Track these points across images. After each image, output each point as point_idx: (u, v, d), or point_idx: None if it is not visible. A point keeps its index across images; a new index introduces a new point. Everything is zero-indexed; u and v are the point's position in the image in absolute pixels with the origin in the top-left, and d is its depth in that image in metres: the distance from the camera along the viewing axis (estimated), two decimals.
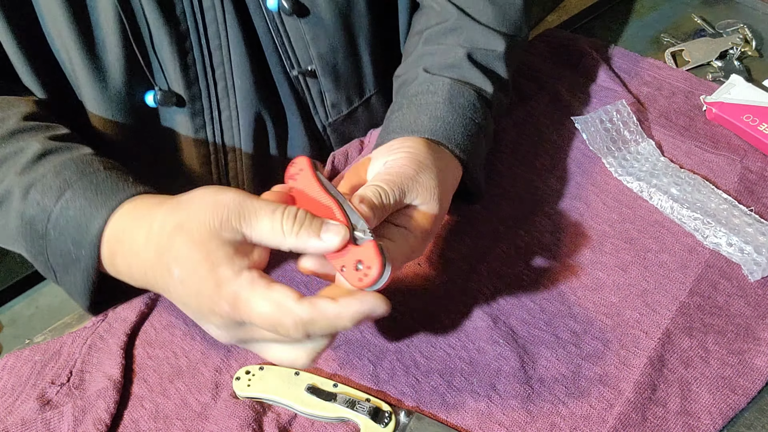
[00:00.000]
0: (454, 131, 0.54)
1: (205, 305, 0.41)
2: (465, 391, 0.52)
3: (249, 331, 0.42)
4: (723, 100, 0.72)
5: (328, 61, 0.66)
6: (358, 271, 0.41)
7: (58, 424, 0.50)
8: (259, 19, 0.62)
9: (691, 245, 0.61)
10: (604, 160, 0.68)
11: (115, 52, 0.57)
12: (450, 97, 0.56)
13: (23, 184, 0.48)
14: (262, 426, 0.49)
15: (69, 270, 0.48)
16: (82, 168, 0.48)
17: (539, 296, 0.57)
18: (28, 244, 0.49)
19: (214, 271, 0.40)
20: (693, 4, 0.91)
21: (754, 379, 0.51)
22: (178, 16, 0.58)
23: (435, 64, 0.60)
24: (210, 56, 0.60)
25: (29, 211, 0.48)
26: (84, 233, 0.46)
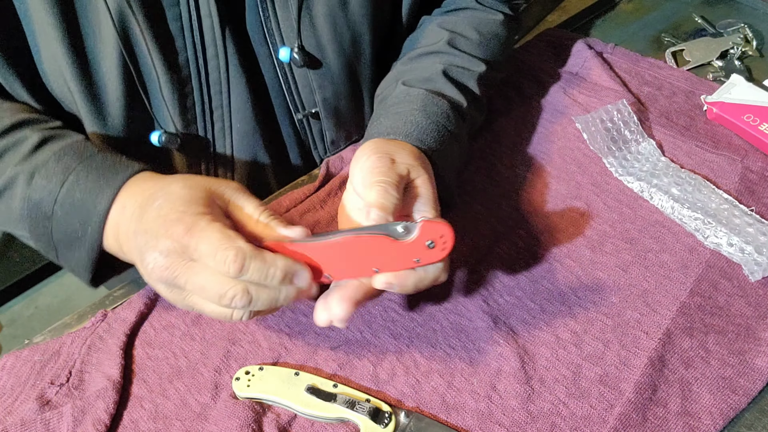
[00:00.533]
0: (427, 135, 0.56)
1: (164, 227, 0.44)
2: (465, 391, 0.51)
3: (187, 267, 0.44)
4: (724, 100, 0.72)
5: (331, 104, 0.68)
6: (432, 249, 0.45)
7: (57, 424, 0.50)
8: (267, 67, 0.63)
9: (692, 245, 0.60)
10: (604, 160, 0.68)
11: (115, 94, 0.58)
12: (424, 106, 0.58)
13: (27, 171, 0.52)
14: (261, 426, 0.49)
15: (72, 246, 0.52)
16: (80, 152, 0.52)
17: (539, 296, 0.57)
18: (32, 225, 0.52)
19: (188, 205, 0.45)
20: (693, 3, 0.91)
21: (754, 379, 0.51)
22: (181, 64, 0.59)
23: (412, 78, 0.63)
24: (210, 100, 0.62)
25: (35, 194, 0.51)
26: (90, 212, 0.50)
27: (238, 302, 0.44)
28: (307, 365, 0.54)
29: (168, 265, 0.44)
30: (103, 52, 0.56)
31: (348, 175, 0.65)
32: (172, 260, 0.44)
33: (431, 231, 0.45)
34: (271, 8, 0.60)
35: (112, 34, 0.55)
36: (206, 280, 0.44)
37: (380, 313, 0.57)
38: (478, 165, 0.69)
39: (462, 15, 0.70)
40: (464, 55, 0.65)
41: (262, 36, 0.62)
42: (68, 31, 0.54)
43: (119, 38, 0.55)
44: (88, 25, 0.55)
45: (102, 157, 0.52)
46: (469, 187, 0.67)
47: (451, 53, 0.65)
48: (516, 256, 0.61)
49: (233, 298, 0.44)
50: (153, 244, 0.44)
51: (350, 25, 0.63)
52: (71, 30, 0.54)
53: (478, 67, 0.65)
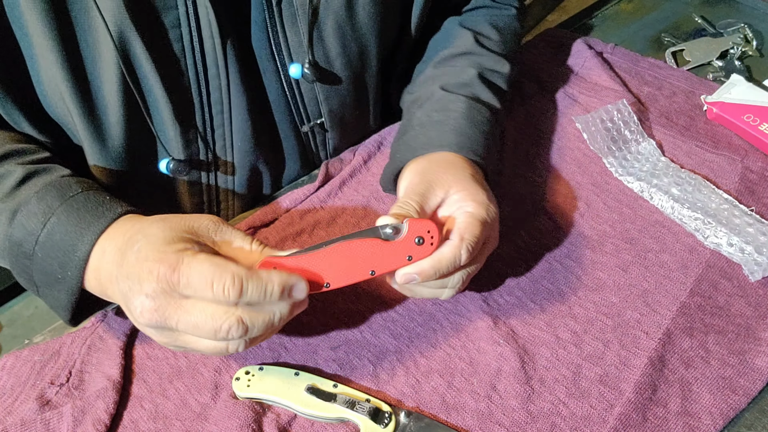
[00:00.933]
0: (476, 144, 0.59)
1: (146, 269, 0.43)
2: (465, 391, 0.51)
3: (177, 306, 0.43)
4: (724, 100, 0.72)
5: (337, 115, 0.68)
6: (421, 245, 0.47)
7: (57, 424, 0.50)
8: (272, 82, 0.64)
9: (692, 245, 0.60)
10: (604, 160, 0.68)
11: (115, 118, 0.58)
12: (470, 115, 0.61)
13: (9, 209, 0.51)
14: (261, 426, 0.49)
15: (53, 287, 0.51)
16: (62, 192, 0.51)
17: (539, 296, 0.57)
18: (13, 262, 0.52)
19: (168, 245, 0.44)
20: (693, 3, 0.91)
21: (754, 379, 0.51)
22: (185, 86, 0.59)
23: (450, 83, 0.65)
24: (211, 119, 0.62)
25: (16, 234, 0.50)
26: (70, 257, 0.49)
27: (234, 333, 0.43)
28: (307, 365, 0.54)
29: (156, 307, 0.43)
30: (103, 76, 0.56)
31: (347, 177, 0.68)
32: (159, 302, 0.43)
33: (418, 228, 0.47)
34: (279, 25, 0.60)
35: (113, 57, 0.54)
36: (198, 317, 0.42)
37: (380, 313, 0.57)
38: None
39: (479, 13, 0.72)
40: (491, 54, 0.68)
41: (269, 52, 0.62)
42: (67, 54, 0.53)
43: (120, 61, 0.54)
44: (87, 48, 0.54)
45: (84, 198, 0.51)
46: None
47: (479, 53, 0.68)
48: (516, 256, 0.61)
49: (229, 330, 0.42)
50: (137, 288, 0.43)
51: (358, 37, 0.63)
52: (70, 53, 0.54)
53: (505, 68, 0.68)
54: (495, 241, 0.54)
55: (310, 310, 0.57)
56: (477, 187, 0.53)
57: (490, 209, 0.52)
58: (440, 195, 0.53)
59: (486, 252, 0.53)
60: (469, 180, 0.53)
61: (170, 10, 0.55)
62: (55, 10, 0.52)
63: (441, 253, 0.49)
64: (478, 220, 0.50)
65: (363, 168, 0.70)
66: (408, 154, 0.59)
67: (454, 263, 0.49)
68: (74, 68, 0.55)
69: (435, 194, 0.52)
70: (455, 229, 0.50)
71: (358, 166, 0.69)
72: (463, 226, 0.50)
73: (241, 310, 0.43)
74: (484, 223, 0.51)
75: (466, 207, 0.51)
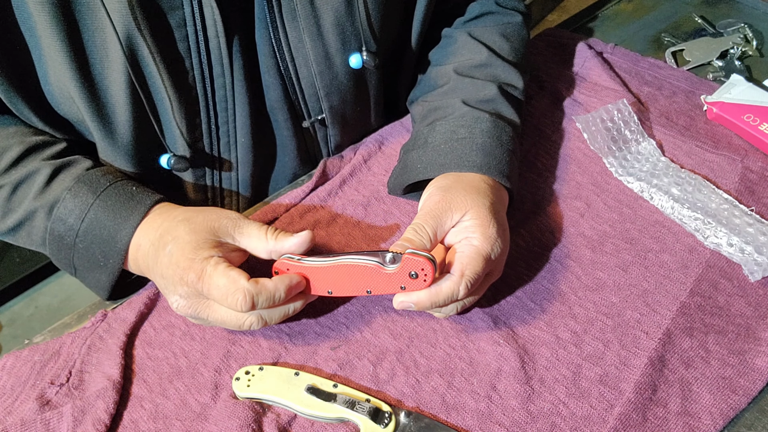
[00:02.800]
0: (503, 164, 0.59)
1: (178, 275, 0.50)
2: (465, 391, 0.51)
3: (206, 305, 0.52)
4: (724, 100, 0.72)
5: (337, 111, 0.68)
6: (415, 279, 0.50)
7: (57, 424, 0.50)
8: (273, 78, 0.64)
9: (692, 245, 0.60)
10: (604, 160, 0.68)
11: (123, 116, 0.59)
12: (495, 133, 0.61)
13: (45, 206, 0.56)
14: (261, 426, 0.49)
15: (93, 271, 0.57)
16: (93, 188, 0.56)
17: (539, 296, 0.57)
18: (54, 252, 0.57)
19: (195, 251, 0.50)
20: (693, 3, 0.91)
21: (754, 379, 0.51)
22: (190, 84, 0.59)
23: (472, 98, 0.65)
24: (216, 116, 0.63)
25: (57, 228, 0.56)
26: (111, 247, 0.55)
27: (255, 326, 0.52)
28: (307, 365, 0.54)
29: (189, 305, 0.52)
30: (111, 76, 0.57)
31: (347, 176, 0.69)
32: (191, 301, 0.51)
33: (412, 264, 0.49)
34: (279, 21, 0.60)
35: (120, 57, 0.55)
36: (224, 315, 0.51)
37: (380, 313, 0.57)
38: None
39: (486, 21, 0.72)
40: (506, 66, 0.68)
41: (270, 49, 0.62)
42: (75, 54, 0.54)
43: (127, 61, 0.55)
44: (94, 49, 0.55)
45: (115, 192, 0.56)
46: None
47: (495, 65, 0.68)
48: (516, 256, 0.61)
49: (251, 325, 0.51)
50: (172, 289, 0.51)
51: (357, 34, 0.63)
52: (78, 54, 0.55)
53: (520, 82, 0.68)
54: (498, 274, 0.55)
55: (310, 310, 0.57)
56: (491, 218, 0.53)
57: (496, 245, 0.52)
58: (456, 217, 0.53)
59: (487, 284, 0.54)
60: (485, 209, 0.53)
61: (176, 10, 0.56)
62: (63, 11, 0.53)
63: (439, 286, 0.50)
64: (482, 255, 0.51)
65: (364, 167, 0.70)
66: (432, 170, 0.59)
67: (452, 297, 0.50)
68: (82, 69, 0.55)
69: (452, 216, 0.53)
70: (457, 262, 0.51)
71: (358, 165, 0.69)
72: (465, 261, 0.51)
73: (259, 310, 0.51)
74: (487, 259, 0.51)
75: (473, 239, 0.52)
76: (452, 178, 0.57)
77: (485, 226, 0.52)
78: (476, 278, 0.50)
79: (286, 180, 0.74)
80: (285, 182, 0.74)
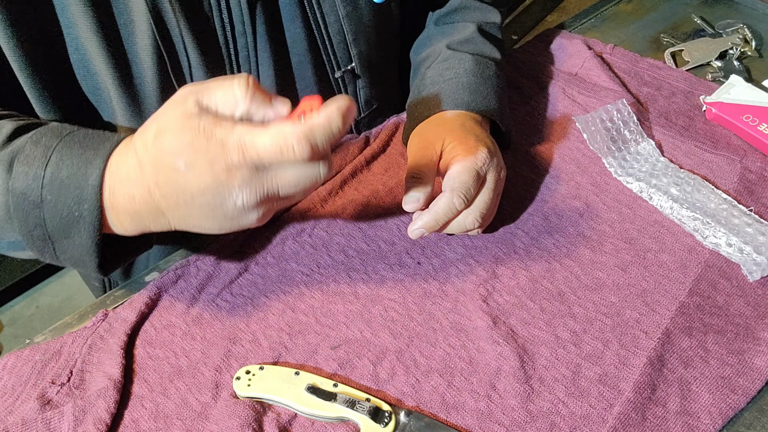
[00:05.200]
0: (490, 99, 0.64)
1: (221, 171, 0.41)
2: (465, 390, 0.52)
3: (268, 174, 0.43)
4: (723, 100, 0.72)
5: (366, 57, 0.69)
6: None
7: (58, 423, 0.50)
8: (298, 31, 0.63)
9: (691, 245, 0.61)
10: (604, 160, 0.68)
11: (152, 84, 0.58)
12: (478, 71, 0.65)
13: (3, 160, 0.48)
14: (262, 426, 0.50)
15: (71, 232, 0.48)
16: (58, 132, 0.48)
17: (539, 296, 0.58)
18: (21, 220, 0.48)
19: (211, 138, 0.41)
20: (693, 4, 0.91)
21: (753, 378, 0.51)
22: (214, 45, 0.59)
23: (454, 41, 0.69)
24: None
25: (18, 183, 0.47)
26: (84, 186, 0.46)
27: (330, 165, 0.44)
28: (307, 365, 0.54)
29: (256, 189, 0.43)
30: (138, 43, 0.55)
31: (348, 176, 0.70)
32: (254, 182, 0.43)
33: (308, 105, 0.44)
34: None
35: (146, 21, 0.54)
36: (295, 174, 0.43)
37: (380, 313, 0.57)
38: None
39: None
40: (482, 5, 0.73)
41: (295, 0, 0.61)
42: (101, 21, 0.53)
43: (153, 26, 0.54)
44: (120, 15, 0.54)
45: (83, 133, 0.48)
46: None
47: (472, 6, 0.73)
48: (515, 256, 0.61)
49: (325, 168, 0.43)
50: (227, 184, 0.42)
51: None
52: (104, 20, 0.53)
53: (497, 17, 0.74)
54: (503, 170, 0.60)
55: (309, 310, 0.57)
56: (467, 134, 0.58)
57: (480, 154, 0.56)
58: (438, 148, 0.57)
59: (500, 182, 0.59)
60: (459, 129, 0.58)
61: None
62: None
63: (436, 204, 0.55)
64: (466, 167, 0.55)
65: (365, 168, 0.70)
66: (425, 112, 0.63)
67: (452, 210, 0.55)
68: (108, 36, 0.54)
69: (434, 150, 0.57)
70: (446, 179, 0.56)
71: (359, 166, 0.69)
72: (453, 175, 0.55)
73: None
74: (473, 168, 0.55)
75: (456, 156, 0.57)
76: (433, 121, 0.61)
77: (464, 142, 0.57)
78: (467, 188, 0.55)
79: None
80: None
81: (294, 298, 0.59)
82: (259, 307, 0.58)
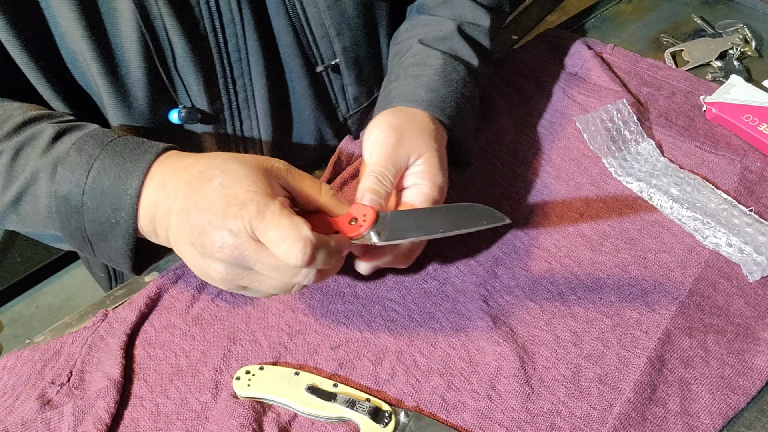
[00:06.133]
0: (447, 104, 0.59)
1: (235, 206, 0.43)
2: (465, 390, 0.52)
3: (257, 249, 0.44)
4: (723, 100, 0.72)
5: (351, 54, 0.67)
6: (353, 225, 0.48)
7: (58, 424, 0.50)
8: (283, 21, 0.62)
9: (691, 245, 0.61)
10: (604, 160, 0.68)
11: (137, 73, 0.57)
12: (444, 71, 0.61)
13: (48, 165, 0.50)
14: (262, 426, 0.50)
15: (108, 237, 0.51)
16: (100, 139, 0.50)
17: (539, 296, 0.58)
18: (62, 221, 0.51)
19: (256, 185, 0.44)
20: (693, 4, 0.91)
21: (753, 379, 0.51)
22: (202, 34, 0.58)
23: (428, 36, 0.65)
24: (231, 69, 0.61)
25: (61, 188, 0.49)
26: (122, 196, 0.49)
27: (310, 280, 0.46)
28: (307, 365, 0.54)
29: (238, 244, 0.44)
30: (122, 32, 0.55)
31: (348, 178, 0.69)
32: (242, 240, 0.44)
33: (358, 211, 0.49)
34: None
35: (130, 8, 0.53)
36: (277, 265, 0.44)
37: (380, 313, 0.57)
38: (477, 165, 0.69)
39: None
40: (472, 4, 0.67)
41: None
42: (84, 11, 0.53)
43: (138, 13, 0.53)
44: (104, 4, 0.54)
45: (124, 141, 0.50)
46: (470, 187, 0.67)
47: (459, 2, 0.67)
48: (516, 256, 0.61)
49: (305, 277, 0.45)
50: (220, 223, 0.44)
51: None
52: (87, 8, 0.53)
53: (486, 21, 0.67)
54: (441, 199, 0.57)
55: (309, 310, 0.57)
56: (439, 166, 0.55)
57: (442, 192, 0.55)
58: (411, 161, 0.55)
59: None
60: (436, 156, 0.55)
61: None
62: None
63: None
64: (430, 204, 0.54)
65: None
66: (383, 104, 0.60)
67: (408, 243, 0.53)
68: (93, 25, 0.54)
69: (408, 160, 0.54)
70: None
71: (359, 167, 0.69)
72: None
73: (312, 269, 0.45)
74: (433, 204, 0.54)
75: (423, 187, 0.54)
76: (402, 116, 0.57)
77: (435, 174, 0.54)
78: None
79: (311, 137, 0.72)
80: (310, 139, 0.72)
81: (294, 298, 0.58)
82: (258, 307, 0.58)
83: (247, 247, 0.44)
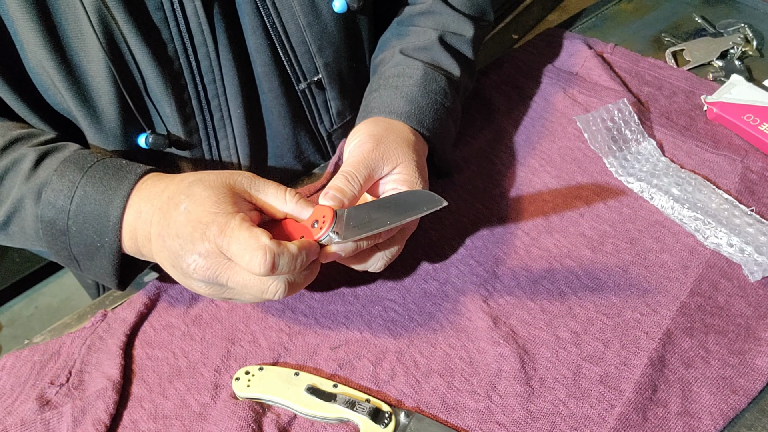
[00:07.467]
0: (426, 116, 0.59)
1: (199, 231, 0.46)
2: (465, 391, 0.51)
3: (227, 266, 0.47)
4: (724, 100, 0.72)
5: (333, 69, 0.66)
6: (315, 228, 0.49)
7: (57, 424, 0.50)
8: (260, 41, 0.62)
9: (692, 245, 0.60)
10: (604, 160, 0.68)
11: (107, 97, 0.57)
12: (424, 83, 0.61)
13: (32, 191, 0.52)
14: (261, 426, 0.49)
15: (94, 257, 0.53)
16: (80, 165, 0.52)
17: (539, 296, 0.57)
18: (49, 242, 0.53)
19: (217, 205, 0.47)
20: (694, 3, 0.91)
21: (754, 379, 0.51)
22: (171, 56, 0.57)
23: (410, 46, 0.65)
24: (204, 90, 0.61)
25: (47, 213, 0.51)
26: (105, 223, 0.51)
27: (280, 295, 0.47)
28: (307, 365, 0.54)
29: (209, 265, 0.46)
30: (88, 56, 0.54)
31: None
32: (211, 261, 0.46)
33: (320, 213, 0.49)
34: None
35: (93, 35, 0.53)
36: (246, 279, 0.46)
37: (380, 313, 0.57)
38: (478, 165, 0.69)
39: None
40: (455, 14, 0.67)
41: (253, 8, 0.60)
42: (48, 35, 0.52)
43: (101, 37, 0.53)
44: (68, 28, 0.53)
45: (103, 166, 0.52)
46: (470, 187, 0.67)
47: (442, 12, 0.67)
48: (516, 256, 0.61)
49: (276, 292, 0.47)
50: (190, 248, 0.46)
51: None
52: (51, 34, 0.53)
53: (469, 31, 0.67)
54: (414, 225, 0.56)
55: (309, 310, 0.57)
56: (418, 175, 0.54)
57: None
58: (387, 169, 0.54)
59: (406, 235, 0.55)
60: (414, 165, 0.54)
61: None
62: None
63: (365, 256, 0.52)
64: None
65: None
66: (364, 114, 0.61)
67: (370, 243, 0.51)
68: (58, 50, 0.53)
69: (383, 168, 0.54)
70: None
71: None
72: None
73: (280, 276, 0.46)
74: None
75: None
76: (383, 125, 0.57)
77: (413, 183, 0.54)
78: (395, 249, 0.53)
79: (290, 153, 0.71)
80: (290, 155, 0.71)
81: (294, 299, 0.58)
82: (258, 307, 0.58)
83: (218, 267, 0.46)
